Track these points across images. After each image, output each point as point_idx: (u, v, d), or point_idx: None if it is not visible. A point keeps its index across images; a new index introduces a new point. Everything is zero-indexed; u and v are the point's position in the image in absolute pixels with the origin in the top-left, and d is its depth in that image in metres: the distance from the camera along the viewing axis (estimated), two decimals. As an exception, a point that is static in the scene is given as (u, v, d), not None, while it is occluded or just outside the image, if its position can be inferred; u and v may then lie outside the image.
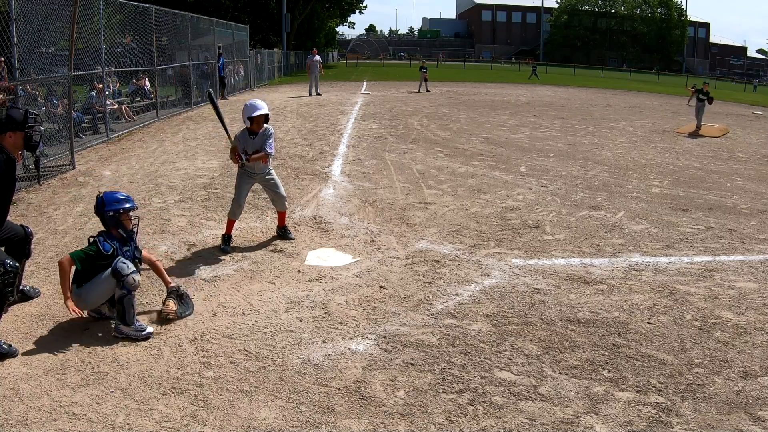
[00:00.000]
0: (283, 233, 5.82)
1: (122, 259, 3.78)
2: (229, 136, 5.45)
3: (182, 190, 7.68)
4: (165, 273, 4.23)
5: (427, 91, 25.80)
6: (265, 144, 5.36)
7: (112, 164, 9.20)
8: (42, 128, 4.01)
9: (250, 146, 5.34)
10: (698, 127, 15.38)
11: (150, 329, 3.81)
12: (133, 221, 4.00)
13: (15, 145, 3.84)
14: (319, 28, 52.23)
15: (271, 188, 5.61)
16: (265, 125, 5.39)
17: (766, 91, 46.20)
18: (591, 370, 3.51)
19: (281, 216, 5.84)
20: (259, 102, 5.40)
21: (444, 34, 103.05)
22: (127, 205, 3.95)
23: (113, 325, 3.84)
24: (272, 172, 5.63)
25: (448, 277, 4.88)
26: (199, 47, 19.25)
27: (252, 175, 5.49)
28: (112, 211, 3.90)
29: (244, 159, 5.29)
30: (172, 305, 4.03)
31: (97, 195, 3.98)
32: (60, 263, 3.77)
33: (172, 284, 4.15)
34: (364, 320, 4.09)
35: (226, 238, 5.49)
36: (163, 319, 3.99)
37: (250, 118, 5.27)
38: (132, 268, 3.77)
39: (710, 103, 15.68)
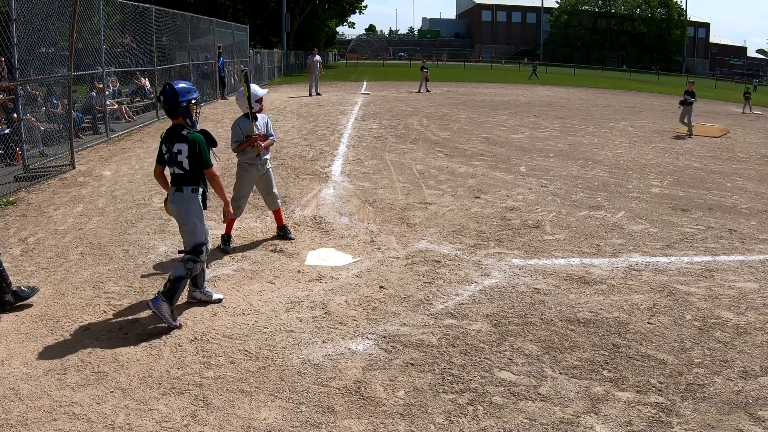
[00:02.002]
0: (283, 233, 5.81)
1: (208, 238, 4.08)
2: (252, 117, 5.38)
3: (182, 190, 7.67)
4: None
5: (428, 91, 25.79)
6: (270, 130, 5.49)
7: (112, 164, 9.20)
8: None
9: (251, 130, 5.33)
10: (689, 129, 15.18)
11: (177, 323, 3.94)
12: (196, 109, 4.11)
13: None
14: (319, 28, 52.20)
15: (266, 186, 5.57)
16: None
17: (766, 91, 46.18)
18: (591, 370, 3.51)
19: (278, 216, 5.82)
20: (252, 86, 5.40)
21: (444, 34, 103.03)
22: (196, 95, 4.10)
23: (153, 297, 3.96)
24: (269, 163, 5.60)
25: (448, 277, 4.88)
26: (199, 47, 19.25)
27: (253, 170, 5.42)
28: (186, 102, 3.99)
29: (262, 147, 5.29)
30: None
31: (166, 84, 4.05)
32: (214, 175, 4.04)
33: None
34: (364, 320, 4.09)
35: (226, 238, 5.48)
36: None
37: (259, 101, 5.34)
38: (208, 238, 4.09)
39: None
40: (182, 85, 4.05)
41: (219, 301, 4.32)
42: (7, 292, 4.12)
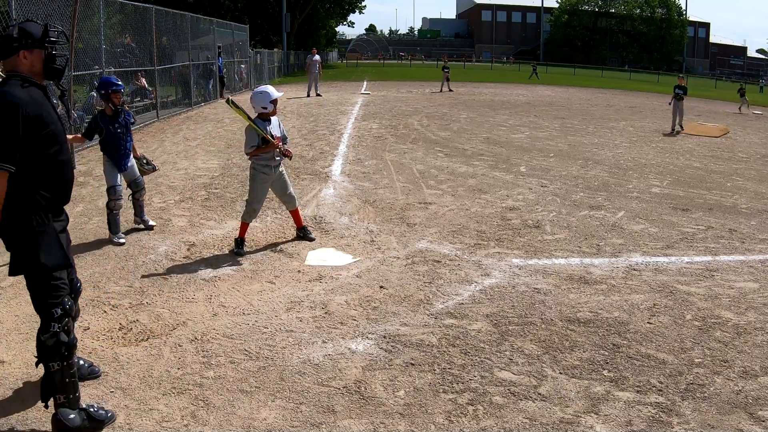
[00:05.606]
0: (303, 234, 5.74)
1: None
2: (261, 131, 5.19)
3: (182, 190, 7.68)
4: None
5: (450, 90, 25.88)
6: (284, 131, 5.48)
7: (112, 164, 9.18)
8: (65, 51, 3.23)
9: (267, 133, 5.29)
10: (680, 126, 15.25)
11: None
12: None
13: (33, 69, 2.78)
14: (319, 28, 52.20)
15: (282, 188, 5.53)
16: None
17: (766, 90, 46.14)
18: (591, 370, 3.51)
19: (297, 216, 5.75)
20: (268, 87, 5.41)
21: (444, 34, 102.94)
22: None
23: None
24: (282, 165, 5.56)
25: (448, 277, 4.88)
26: (200, 47, 19.25)
27: (268, 173, 5.35)
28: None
29: (284, 149, 5.33)
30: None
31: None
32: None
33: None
34: (364, 320, 4.09)
35: (239, 241, 5.39)
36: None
37: (273, 101, 5.27)
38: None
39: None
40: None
41: None
42: None
